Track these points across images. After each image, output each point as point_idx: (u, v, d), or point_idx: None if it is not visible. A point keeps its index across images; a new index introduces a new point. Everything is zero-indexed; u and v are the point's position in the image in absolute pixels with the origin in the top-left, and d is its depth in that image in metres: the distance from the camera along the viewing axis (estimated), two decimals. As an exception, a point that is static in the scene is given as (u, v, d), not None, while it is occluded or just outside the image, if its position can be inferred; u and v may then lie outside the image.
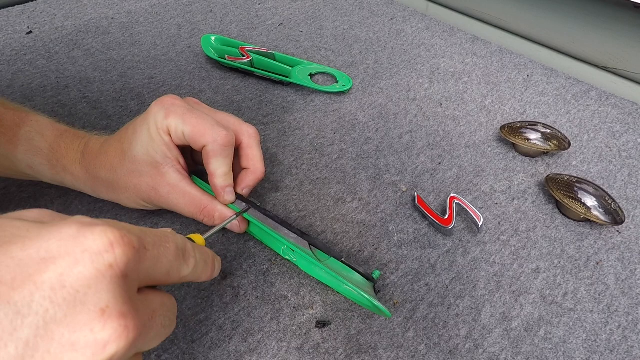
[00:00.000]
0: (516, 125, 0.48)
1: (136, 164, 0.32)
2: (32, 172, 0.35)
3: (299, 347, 0.32)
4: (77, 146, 0.35)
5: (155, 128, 0.31)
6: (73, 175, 0.34)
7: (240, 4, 0.76)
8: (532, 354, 0.32)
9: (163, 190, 0.32)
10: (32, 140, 0.34)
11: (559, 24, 0.63)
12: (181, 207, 0.33)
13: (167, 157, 0.32)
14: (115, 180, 0.33)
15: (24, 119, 0.34)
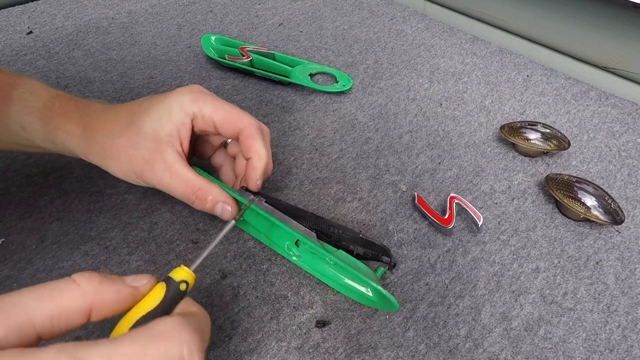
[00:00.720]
0: (516, 125, 0.48)
1: (139, 135, 0.32)
2: (25, 134, 0.34)
3: (299, 347, 0.32)
4: (73, 106, 0.34)
5: (178, 108, 0.32)
6: (67, 132, 0.33)
7: (240, 4, 0.76)
8: (532, 353, 0.32)
9: (158, 167, 0.32)
10: (26, 100, 0.33)
11: (559, 24, 0.63)
12: (173, 187, 0.33)
13: (172, 137, 0.32)
14: (111, 146, 0.33)
15: (18, 81, 0.34)
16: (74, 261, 0.36)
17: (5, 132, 0.34)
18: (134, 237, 0.38)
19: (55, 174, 0.43)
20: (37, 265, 0.36)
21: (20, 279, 0.35)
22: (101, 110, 0.34)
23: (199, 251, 0.25)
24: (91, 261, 0.36)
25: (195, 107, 0.33)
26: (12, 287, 0.34)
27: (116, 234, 0.38)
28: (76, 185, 0.42)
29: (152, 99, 0.34)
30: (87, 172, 0.44)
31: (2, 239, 0.38)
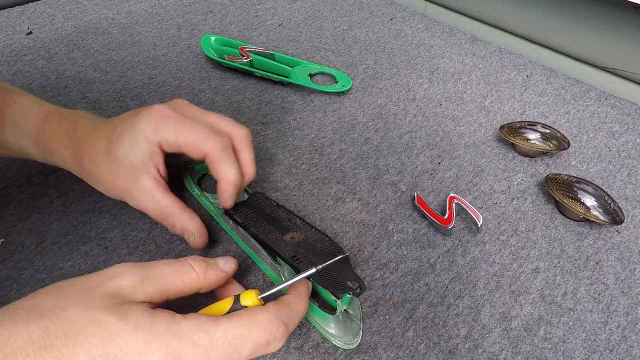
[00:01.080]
0: (516, 125, 0.48)
1: (116, 165, 0.33)
2: (23, 153, 0.36)
3: (299, 347, 0.32)
4: (63, 129, 0.35)
5: (143, 138, 0.33)
6: (60, 157, 0.35)
7: (240, 4, 0.76)
8: (532, 353, 0.32)
9: (135, 194, 0.34)
10: (18, 125, 0.35)
11: (559, 24, 0.63)
12: (149, 212, 0.35)
13: (146, 164, 0.33)
14: (95, 174, 0.35)
15: (8, 102, 0.35)
16: (74, 262, 0.36)
17: (5, 150, 0.36)
18: (133, 238, 0.38)
19: (55, 174, 0.43)
20: (37, 266, 0.36)
21: (20, 279, 0.35)
22: (86, 134, 0.35)
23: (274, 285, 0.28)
24: (91, 262, 0.36)
25: (158, 136, 0.33)
26: (12, 288, 0.34)
27: (116, 235, 0.38)
28: (76, 185, 0.42)
29: (124, 123, 0.34)
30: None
31: (2, 239, 0.38)
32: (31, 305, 0.22)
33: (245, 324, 0.24)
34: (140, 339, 0.22)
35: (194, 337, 0.23)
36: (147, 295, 0.24)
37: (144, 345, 0.22)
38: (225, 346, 0.23)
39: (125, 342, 0.21)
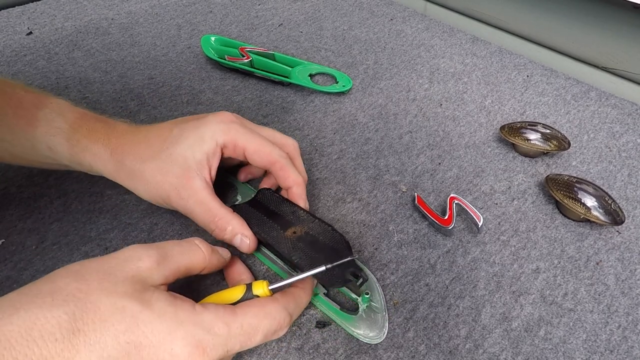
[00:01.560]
0: (516, 125, 0.48)
1: (168, 161, 0.33)
2: (51, 154, 0.35)
3: (299, 347, 0.32)
4: (101, 128, 0.35)
5: (209, 138, 0.34)
6: (94, 155, 0.34)
7: (240, 4, 0.76)
8: (532, 354, 0.32)
9: (184, 193, 0.33)
10: (52, 121, 0.34)
11: (559, 24, 0.63)
12: (196, 214, 0.34)
13: (202, 165, 0.33)
14: (140, 171, 0.34)
15: (43, 101, 0.35)
16: (74, 262, 0.36)
17: (32, 152, 0.35)
18: (133, 238, 0.38)
19: (55, 174, 0.43)
20: (37, 266, 0.36)
21: (20, 279, 0.35)
22: (129, 133, 0.35)
23: (283, 279, 0.30)
24: (91, 262, 0.36)
25: (227, 138, 0.34)
26: (12, 288, 0.34)
27: (116, 235, 0.38)
28: (76, 185, 0.42)
29: (184, 125, 0.35)
30: (87, 173, 0.44)
31: (2, 239, 0.37)
32: (52, 289, 0.22)
33: (259, 314, 0.26)
34: (165, 327, 0.23)
35: (214, 327, 0.24)
36: (163, 276, 0.26)
37: (168, 332, 0.23)
38: (241, 335, 0.25)
39: (150, 330, 0.22)
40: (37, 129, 0.34)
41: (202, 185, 0.33)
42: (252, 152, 0.35)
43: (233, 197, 0.42)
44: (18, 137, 0.34)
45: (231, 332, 0.25)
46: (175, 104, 0.53)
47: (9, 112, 0.34)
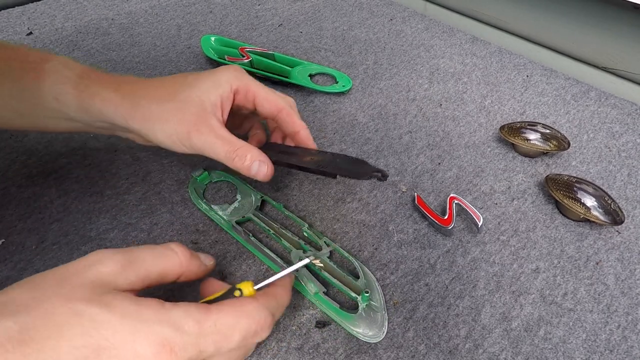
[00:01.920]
0: (516, 125, 0.48)
1: (186, 102, 0.34)
2: (57, 105, 0.35)
3: (299, 347, 0.32)
4: (109, 77, 0.36)
5: (225, 82, 0.36)
6: (104, 99, 0.34)
7: (240, 4, 0.76)
8: (532, 354, 0.32)
9: (204, 129, 0.34)
10: (59, 72, 0.34)
11: (559, 24, 0.63)
12: (217, 146, 0.34)
13: (216, 106, 0.35)
14: (158, 111, 0.34)
15: (49, 56, 0.35)
16: (74, 262, 0.36)
17: (38, 107, 0.35)
18: (133, 238, 0.38)
19: (55, 174, 0.43)
20: (37, 266, 0.36)
21: (20, 279, 0.35)
22: (140, 81, 0.36)
23: (269, 275, 0.30)
24: (91, 262, 0.36)
25: (241, 83, 0.36)
26: (12, 288, 0.34)
27: (116, 235, 0.38)
28: (76, 185, 0.42)
29: (198, 74, 0.37)
30: (87, 173, 0.44)
31: (2, 239, 0.38)
32: (4, 301, 0.21)
33: (235, 313, 0.25)
34: (127, 327, 0.21)
35: (184, 325, 0.23)
36: (128, 282, 0.24)
37: (130, 332, 0.21)
38: (215, 334, 0.23)
39: (111, 332, 0.21)
40: (45, 80, 0.34)
41: (218, 124, 0.35)
42: (262, 98, 0.37)
43: (233, 197, 0.42)
44: (25, 91, 0.34)
45: (203, 330, 0.23)
46: (175, 104, 0.53)
47: (16, 65, 0.34)
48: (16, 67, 0.34)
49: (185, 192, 0.42)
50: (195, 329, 0.23)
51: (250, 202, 0.41)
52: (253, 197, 0.41)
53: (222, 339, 0.24)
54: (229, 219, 0.39)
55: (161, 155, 0.46)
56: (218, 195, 0.43)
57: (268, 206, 0.42)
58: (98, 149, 0.47)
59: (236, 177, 0.43)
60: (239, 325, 0.24)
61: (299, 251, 0.36)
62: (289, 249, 0.37)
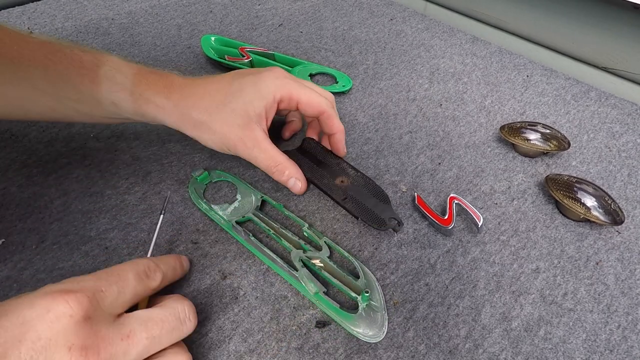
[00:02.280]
0: (516, 125, 0.48)
1: (232, 114, 0.37)
2: (115, 109, 0.38)
3: (299, 347, 0.32)
4: (160, 81, 0.38)
5: (269, 93, 0.38)
6: (158, 106, 0.37)
7: (240, 4, 0.76)
8: (532, 353, 0.32)
9: (249, 143, 0.38)
10: (113, 78, 0.37)
11: (559, 24, 0.63)
12: (260, 159, 0.38)
13: (261, 116, 0.38)
14: (206, 122, 0.37)
15: (101, 60, 0.37)
16: (74, 262, 0.36)
17: (97, 109, 0.38)
18: (133, 238, 0.38)
19: (55, 174, 0.43)
20: (37, 266, 0.36)
21: (20, 279, 0.35)
22: (187, 87, 0.38)
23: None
24: (91, 262, 0.36)
25: (284, 92, 0.38)
26: (12, 288, 0.34)
27: (116, 235, 0.38)
28: (76, 185, 0.42)
29: (241, 79, 0.38)
30: (87, 173, 0.44)
31: (2, 239, 0.38)
32: None
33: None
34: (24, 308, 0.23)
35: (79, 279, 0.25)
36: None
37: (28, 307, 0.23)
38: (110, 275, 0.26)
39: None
40: (101, 86, 0.36)
41: (262, 136, 0.38)
42: (305, 103, 0.39)
43: (233, 197, 0.42)
44: (84, 95, 0.37)
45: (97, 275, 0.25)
46: (175, 104, 0.53)
47: (73, 72, 0.36)
48: (74, 73, 0.36)
49: (185, 192, 0.42)
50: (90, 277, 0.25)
51: (251, 202, 0.41)
52: (253, 197, 0.41)
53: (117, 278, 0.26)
54: (229, 219, 0.39)
55: (161, 155, 0.46)
56: (218, 195, 0.43)
57: (268, 206, 0.42)
58: (98, 149, 0.47)
59: (236, 177, 0.43)
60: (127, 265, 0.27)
61: (299, 251, 0.36)
62: (289, 249, 0.37)
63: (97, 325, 0.23)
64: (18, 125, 0.49)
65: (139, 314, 0.26)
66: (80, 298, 0.23)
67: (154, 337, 0.25)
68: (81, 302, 0.23)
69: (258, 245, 0.37)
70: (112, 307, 0.25)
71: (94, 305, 0.23)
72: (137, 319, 0.25)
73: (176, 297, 0.29)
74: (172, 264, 0.32)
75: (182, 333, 0.27)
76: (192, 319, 0.28)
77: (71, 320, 0.22)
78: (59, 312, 0.22)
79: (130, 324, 0.25)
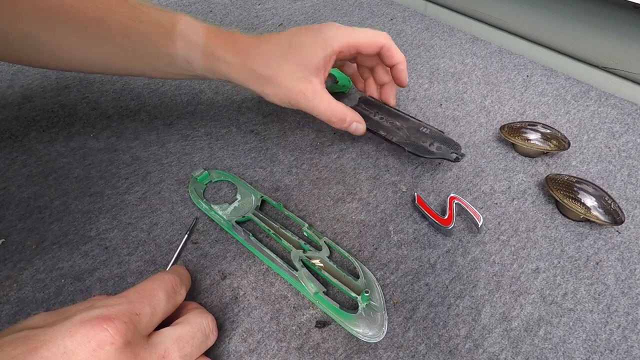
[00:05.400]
0: (516, 125, 0.48)
1: (293, 68, 0.39)
2: (188, 67, 0.40)
3: (299, 347, 0.32)
4: (228, 40, 0.40)
5: (329, 46, 0.39)
6: (227, 63, 0.40)
7: (240, 4, 0.76)
8: (532, 353, 0.32)
9: (310, 94, 0.40)
10: (188, 37, 0.39)
11: (559, 24, 0.63)
12: (320, 109, 0.40)
13: (319, 69, 0.40)
14: (270, 77, 0.39)
15: (177, 19, 0.39)
16: (74, 262, 0.36)
17: (172, 66, 0.40)
18: (133, 238, 0.38)
19: (55, 174, 0.43)
20: (37, 266, 0.36)
21: (20, 279, 0.35)
22: (253, 44, 0.40)
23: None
24: (91, 262, 0.36)
25: (343, 42, 0.40)
26: (12, 288, 0.34)
27: (116, 235, 0.38)
28: (76, 185, 0.42)
29: (301, 33, 0.40)
30: (87, 172, 0.44)
31: (2, 239, 0.38)
32: None
33: (147, 280, 0.28)
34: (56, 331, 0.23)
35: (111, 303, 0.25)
36: None
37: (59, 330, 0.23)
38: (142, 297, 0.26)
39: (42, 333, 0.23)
40: (176, 44, 0.39)
41: (321, 87, 0.40)
42: (364, 44, 0.41)
43: (233, 197, 0.42)
44: (161, 53, 0.39)
45: (129, 297, 0.26)
46: (175, 103, 0.53)
47: (152, 29, 0.38)
48: (152, 31, 0.38)
49: (185, 192, 0.42)
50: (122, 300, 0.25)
51: (250, 201, 0.41)
52: (253, 197, 0.41)
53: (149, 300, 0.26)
54: (229, 219, 0.39)
55: (161, 155, 0.46)
56: (218, 195, 0.43)
57: (268, 206, 0.42)
58: (98, 149, 0.47)
59: (236, 177, 0.43)
60: (155, 283, 0.27)
61: (298, 251, 0.36)
62: (288, 249, 0.37)
63: (136, 348, 0.24)
64: (18, 125, 0.49)
65: (169, 333, 0.26)
66: (119, 325, 0.23)
67: (185, 355, 0.26)
68: (120, 330, 0.23)
69: (258, 245, 0.37)
70: (147, 328, 0.26)
71: (131, 330, 0.24)
72: (169, 337, 0.26)
73: (198, 311, 0.29)
74: (186, 274, 0.32)
75: (207, 346, 0.28)
76: (215, 332, 0.29)
77: (112, 348, 0.23)
78: (100, 340, 0.22)
79: (164, 344, 0.25)
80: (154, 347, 0.25)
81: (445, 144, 0.44)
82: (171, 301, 0.28)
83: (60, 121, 0.50)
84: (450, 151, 0.43)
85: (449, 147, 0.43)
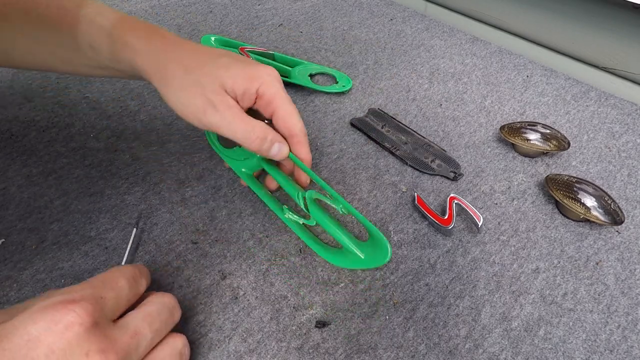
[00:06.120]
0: (516, 125, 0.48)
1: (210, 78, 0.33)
2: (93, 54, 0.36)
3: (299, 347, 0.32)
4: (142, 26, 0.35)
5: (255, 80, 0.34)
6: (134, 49, 0.34)
7: (240, 4, 0.76)
8: (532, 353, 0.32)
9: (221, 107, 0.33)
10: (94, 20, 0.35)
11: (559, 24, 0.63)
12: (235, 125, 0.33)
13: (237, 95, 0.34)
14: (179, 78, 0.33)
15: (84, 3, 0.36)
16: (74, 262, 0.36)
17: (76, 53, 0.36)
18: (133, 238, 0.38)
19: (55, 174, 0.43)
20: (37, 266, 0.36)
21: (20, 279, 0.35)
22: (177, 43, 0.35)
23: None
24: (91, 262, 0.36)
25: (268, 91, 0.34)
26: (12, 288, 0.34)
27: (116, 235, 0.38)
28: (76, 185, 0.42)
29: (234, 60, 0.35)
30: (87, 172, 0.44)
31: (2, 239, 0.38)
32: None
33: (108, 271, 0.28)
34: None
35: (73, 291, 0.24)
36: None
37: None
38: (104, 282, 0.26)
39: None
40: (80, 27, 0.35)
41: (236, 105, 0.34)
42: (280, 117, 0.35)
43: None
44: (63, 37, 0.35)
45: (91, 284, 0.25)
46: (175, 103, 0.53)
47: (54, 12, 0.35)
48: (54, 14, 0.35)
49: (185, 192, 0.42)
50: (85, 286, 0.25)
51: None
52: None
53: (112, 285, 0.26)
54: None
55: (161, 155, 0.46)
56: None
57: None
58: (98, 149, 0.47)
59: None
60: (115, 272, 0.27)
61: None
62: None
63: (106, 330, 0.23)
64: (18, 125, 0.49)
65: (135, 314, 0.26)
66: (85, 306, 0.23)
67: (156, 330, 0.26)
68: (87, 310, 0.23)
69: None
70: (112, 312, 0.25)
71: (98, 312, 0.23)
72: (136, 317, 0.26)
73: (157, 293, 0.29)
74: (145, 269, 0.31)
75: (174, 322, 0.28)
76: (178, 308, 0.29)
77: (82, 328, 0.22)
78: (68, 322, 0.22)
79: (132, 323, 0.25)
80: (123, 328, 0.24)
81: (446, 163, 0.46)
82: (133, 290, 0.27)
83: (60, 121, 0.50)
84: (449, 169, 0.45)
85: (449, 166, 0.46)
